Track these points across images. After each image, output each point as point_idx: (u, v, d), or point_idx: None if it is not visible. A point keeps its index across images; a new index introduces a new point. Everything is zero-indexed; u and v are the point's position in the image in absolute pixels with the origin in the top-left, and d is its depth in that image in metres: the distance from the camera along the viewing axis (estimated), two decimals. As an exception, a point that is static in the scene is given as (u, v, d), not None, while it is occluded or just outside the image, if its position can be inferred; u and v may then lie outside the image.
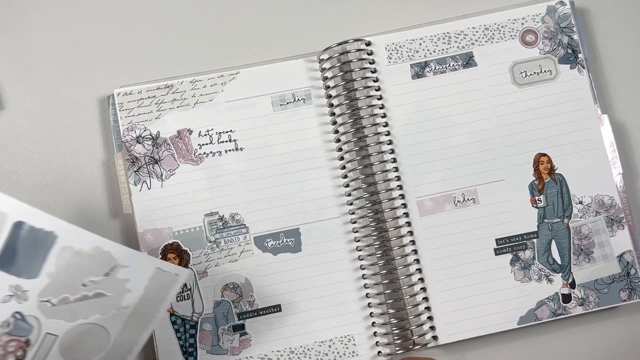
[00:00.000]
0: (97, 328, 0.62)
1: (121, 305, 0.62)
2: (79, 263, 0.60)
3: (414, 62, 0.80)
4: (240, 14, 0.83)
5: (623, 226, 0.78)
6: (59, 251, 0.59)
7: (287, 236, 0.77)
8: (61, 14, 0.83)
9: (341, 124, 0.79)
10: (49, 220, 0.59)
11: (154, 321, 0.64)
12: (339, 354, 0.76)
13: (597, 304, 0.77)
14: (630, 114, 0.82)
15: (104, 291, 0.62)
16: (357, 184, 0.78)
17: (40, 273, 0.59)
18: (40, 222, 0.59)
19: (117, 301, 0.62)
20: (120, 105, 0.78)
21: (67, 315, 0.61)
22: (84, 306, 0.61)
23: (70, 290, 0.60)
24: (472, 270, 0.77)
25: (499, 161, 0.79)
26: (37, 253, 0.59)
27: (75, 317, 0.61)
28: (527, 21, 0.81)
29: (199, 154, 0.78)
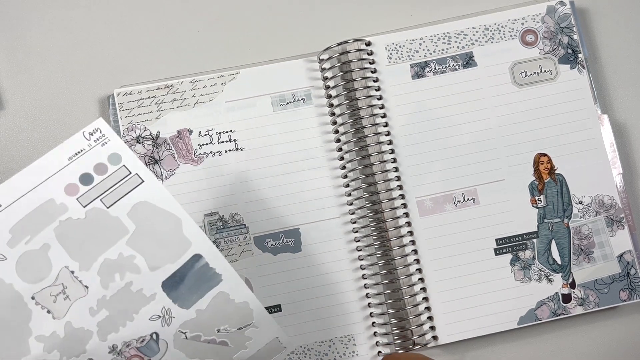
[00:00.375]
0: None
1: (232, 358, 0.64)
2: (225, 310, 0.63)
3: (414, 62, 0.80)
4: (240, 14, 0.83)
5: (623, 226, 0.78)
6: (216, 294, 0.63)
7: (287, 236, 0.77)
8: (61, 14, 0.83)
9: (341, 124, 0.79)
10: (222, 263, 0.63)
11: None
12: (339, 354, 0.76)
13: (597, 304, 0.77)
14: (630, 114, 0.82)
15: (228, 341, 0.64)
16: (357, 184, 0.78)
17: (192, 306, 0.62)
18: (215, 263, 0.63)
19: (233, 354, 0.64)
20: (120, 105, 0.78)
21: (190, 351, 0.63)
22: (207, 348, 0.64)
23: (205, 331, 0.63)
24: (472, 270, 0.77)
25: (499, 161, 0.79)
26: (199, 288, 0.63)
27: (195, 355, 0.63)
28: (527, 21, 0.81)
29: (199, 154, 0.78)
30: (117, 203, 0.62)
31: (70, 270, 0.61)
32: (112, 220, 0.62)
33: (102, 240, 0.62)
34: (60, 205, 0.61)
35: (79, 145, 0.63)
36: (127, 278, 0.62)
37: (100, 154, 0.63)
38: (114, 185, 0.63)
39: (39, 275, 0.60)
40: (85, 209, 0.62)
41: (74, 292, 0.61)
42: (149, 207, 0.63)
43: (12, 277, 0.60)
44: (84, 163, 0.63)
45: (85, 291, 0.61)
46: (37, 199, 0.61)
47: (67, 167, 0.62)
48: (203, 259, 0.63)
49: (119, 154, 0.64)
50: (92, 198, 0.62)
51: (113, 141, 0.64)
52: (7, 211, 0.61)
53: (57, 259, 0.61)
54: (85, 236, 0.61)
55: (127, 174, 0.63)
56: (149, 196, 0.63)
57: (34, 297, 0.60)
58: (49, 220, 0.61)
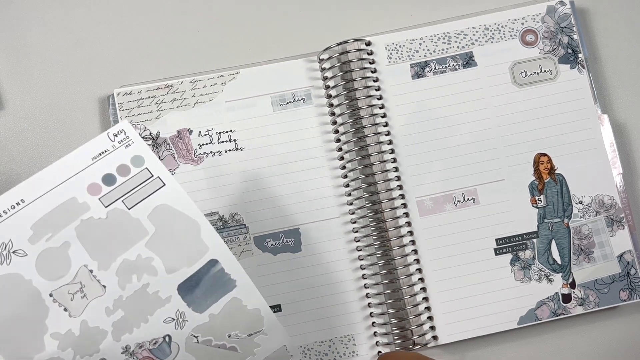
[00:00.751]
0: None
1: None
2: (237, 316, 0.64)
3: (414, 62, 0.80)
4: (240, 14, 0.83)
5: (623, 226, 0.78)
6: (230, 299, 0.64)
7: (287, 236, 0.77)
8: (61, 14, 0.83)
9: (341, 124, 0.79)
10: (237, 269, 0.64)
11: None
12: (339, 354, 0.76)
13: (597, 304, 0.77)
14: (630, 114, 0.82)
15: (238, 347, 0.65)
16: (357, 184, 0.78)
17: (206, 311, 0.63)
18: (231, 268, 0.64)
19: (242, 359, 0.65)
20: (120, 105, 0.78)
21: (201, 355, 0.64)
22: (216, 353, 0.64)
23: (216, 336, 0.64)
24: (472, 270, 0.77)
25: (499, 161, 0.79)
26: (214, 293, 0.64)
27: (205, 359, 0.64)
28: (527, 21, 0.81)
29: (199, 153, 0.78)
30: (138, 205, 0.63)
31: (89, 269, 0.62)
32: (132, 222, 0.63)
33: (121, 241, 0.63)
34: (82, 204, 0.62)
35: (103, 145, 0.64)
36: (144, 280, 0.62)
37: (124, 156, 0.64)
38: (135, 187, 0.64)
39: (58, 272, 0.61)
40: (107, 209, 0.63)
41: (91, 291, 0.61)
42: (169, 210, 0.64)
43: (31, 273, 0.60)
44: (107, 164, 0.64)
45: (102, 290, 0.62)
46: (60, 196, 0.62)
47: (90, 167, 0.64)
48: (219, 264, 0.64)
49: (142, 157, 0.65)
50: (114, 199, 0.63)
51: (137, 143, 0.65)
52: (30, 207, 0.61)
53: (77, 257, 0.61)
54: (106, 236, 0.62)
55: (149, 176, 0.65)
56: (169, 200, 0.64)
57: (51, 294, 0.60)
58: (70, 219, 0.62)
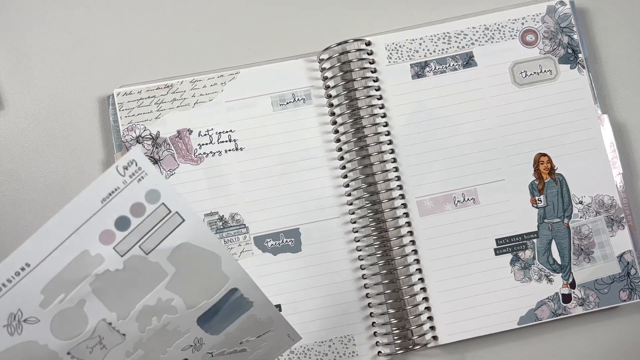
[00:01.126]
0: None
1: (248, 358, 0.63)
2: (251, 327, 0.60)
3: (414, 62, 0.80)
4: (240, 14, 0.83)
5: (623, 226, 0.78)
6: (245, 318, 0.59)
7: (287, 236, 0.77)
8: (61, 14, 0.83)
9: (341, 124, 0.79)
10: (256, 292, 0.58)
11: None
12: (338, 354, 0.76)
13: (597, 304, 0.77)
14: (630, 114, 0.82)
15: (248, 349, 0.62)
16: (357, 184, 0.78)
17: (222, 332, 0.59)
18: (249, 293, 0.58)
19: (249, 356, 0.63)
20: (120, 105, 0.78)
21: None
22: (227, 358, 0.62)
23: (229, 346, 0.61)
24: (472, 270, 0.77)
25: (499, 161, 0.79)
26: (231, 316, 0.59)
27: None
28: (527, 21, 0.81)
29: (199, 153, 0.78)
30: (157, 248, 0.55)
31: (108, 322, 0.55)
32: (151, 266, 0.56)
33: (140, 288, 0.56)
34: (95, 257, 0.54)
35: (113, 183, 0.55)
36: (164, 320, 0.57)
37: (137, 192, 0.55)
38: (153, 228, 0.56)
39: (75, 332, 0.55)
40: (123, 259, 0.55)
41: (110, 342, 0.56)
42: (189, 247, 0.57)
43: (46, 337, 0.54)
44: (120, 204, 0.55)
45: (122, 339, 0.56)
46: (70, 252, 0.54)
47: (100, 211, 0.54)
48: (238, 292, 0.58)
49: (158, 190, 0.55)
50: (131, 245, 0.55)
51: (150, 175, 0.55)
52: (37, 270, 0.53)
53: (94, 313, 0.55)
54: (124, 286, 0.56)
55: (167, 213, 0.56)
56: (189, 236, 0.56)
57: (69, 352, 0.55)
58: (84, 275, 0.54)
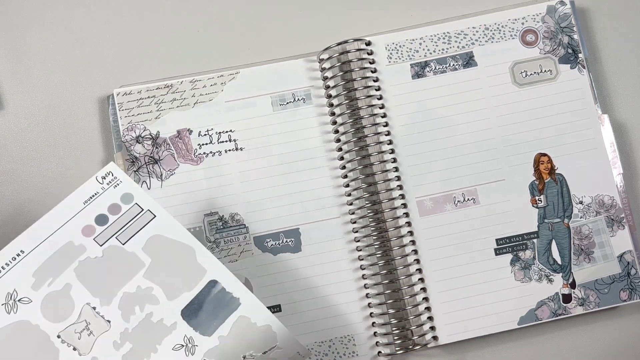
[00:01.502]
0: None
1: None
2: (248, 335, 0.64)
3: (414, 62, 0.80)
4: (240, 14, 0.83)
5: (623, 226, 0.78)
6: (237, 319, 0.64)
7: (287, 236, 0.77)
8: (61, 14, 0.83)
9: (341, 124, 0.79)
10: (238, 287, 0.64)
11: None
12: (338, 354, 0.76)
13: (598, 304, 0.77)
14: (630, 114, 0.82)
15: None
16: (357, 184, 0.78)
17: (214, 333, 0.64)
18: (231, 287, 0.65)
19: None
20: (120, 105, 0.78)
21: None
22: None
23: (230, 358, 0.64)
24: (472, 270, 0.77)
25: (499, 161, 0.79)
26: (219, 314, 0.64)
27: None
28: (527, 21, 0.80)
29: (199, 153, 0.78)
30: (132, 239, 0.66)
31: (92, 306, 0.64)
32: (128, 256, 0.65)
33: (120, 275, 0.65)
34: (78, 247, 0.65)
35: (93, 189, 0.67)
36: (147, 309, 0.64)
37: (113, 195, 0.67)
38: (128, 223, 0.66)
39: (62, 314, 0.63)
40: (102, 248, 0.65)
41: (97, 328, 0.63)
42: (162, 239, 0.66)
43: (37, 318, 0.63)
44: (99, 205, 0.66)
45: (108, 325, 0.63)
46: (57, 243, 0.65)
47: (82, 211, 0.66)
48: (219, 284, 0.65)
49: (131, 193, 0.67)
50: (108, 237, 0.66)
51: (125, 182, 0.67)
52: (30, 257, 0.64)
53: (79, 297, 0.63)
54: (104, 273, 0.64)
55: (140, 211, 0.67)
56: (161, 229, 0.66)
57: (59, 335, 0.62)
58: (69, 262, 0.64)
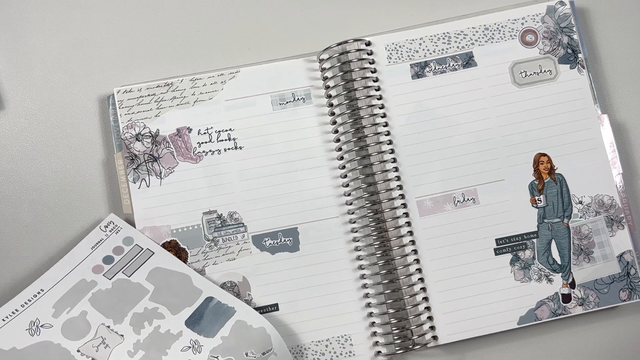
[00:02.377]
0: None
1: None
2: (246, 335, 0.73)
3: (414, 62, 0.80)
4: (240, 14, 0.83)
5: (623, 226, 0.78)
6: (235, 322, 0.73)
7: (285, 235, 0.77)
8: (61, 14, 0.83)
9: (341, 124, 0.79)
10: (232, 299, 0.75)
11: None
12: (335, 354, 0.76)
13: (597, 304, 0.77)
14: (630, 114, 0.82)
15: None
16: (357, 184, 0.78)
17: (216, 335, 0.73)
18: (225, 300, 0.75)
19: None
20: (120, 102, 0.78)
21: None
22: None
23: (235, 354, 0.72)
24: (472, 270, 0.77)
25: (499, 161, 0.79)
26: (218, 320, 0.73)
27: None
28: (527, 21, 0.81)
29: (198, 152, 0.78)
30: (136, 272, 0.75)
31: (107, 325, 0.73)
32: (134, 286, 0.75)
33: (128, 301, 0.74)
34: (90, 282, 0.75)
35: (98, 236, 0.78)
36: (155, 323, 0.73)
37: (116, 240, 0.77)
38: (131, 260, 0.76)
39: (81, 333, 0.72)
40: (111, 281, 0.75)
41: (112, 341, 0.72)
42: (162, 271, 0.76)
43: (59, 338, 0.72)
44: (104, 248, 0.77)
45: (121, 339, 0.72)
46: (71, 281, 0.75)
47: (91, 255, 0.77)
48: (215, 299, 0.74)
49: (131, 237, 0.77)
50: (115, 272, 0.76)
51: (124, 229, 0.78)
52: (49, 294, 0.74)
53: (94, 319, 0.73)
54: (114, 300, 0.74)
55: (140, 250, 0.77)
56: (160, 263, 0.76)
57: (79, 350, 0.72)
58: (83, 294, 0.74)
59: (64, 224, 0.79)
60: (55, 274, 0.75)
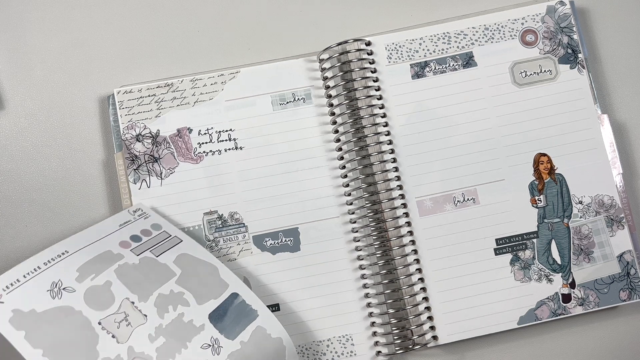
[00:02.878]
0: None
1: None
2: (264, 344, 0.70)
3: (414, 62, 0.80)
4: (240, 14, 0.83)
5: (623, 226, 0.78)
6: (255, 328, 0.70)
7: (285, 235, 0.77)
8: (61, 14, 0.83)
9: (341, 124, 0.79)
10: (257, 302, 0.72)
11: None
12: (336, 354, 0.76)
13: (597, 304, 0.77)
14: (630, 114, 0.82)
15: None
16: (357, 184, 0.78)
17: (236, 338, 0.69)
18: (250, 300, 0.72)
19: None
20: (120, 103, 0.78)
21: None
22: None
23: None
24: (472, 270, 0.77)
25: (499, 161, 0.79)
26: (240, 321, 0.70)
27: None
28: (527, 21, 0.81)
29: (199, 152, 0.78)
30: (164, 254, 0.72)
31: (131, 301, 0.68)
32: (161, 266, 0.71)
33: (155, 280, 0.70)
34: (117, 254, 0.71)
35: (126, 217, 0.75)
36: (179, 310, 0.69)
37: (144, 224, 0.75)
38: (159, 243, 0.73)
39: (104, 304, 0.67)
40: (138, 257, 0.71)
41: (134, 320, 0.67)
42: (189, 258, 0.73)
43: (80, 305, 0.66)
44: (132, 228, 0.74)
45: (144, 319, 0.68)
46: (97, 249, 0.71)
47: (118, 231, 0.73)
48: (240, 297, 0.71)
49: (159, 224, 0.75)
50: (143, 250, 0.72)
51: (153, 216, 0.76)
52: (73, 256, 0.69)
53: (119, 292, 0.68)
54: (141, 276, 0.70)
55: (168, 236, 0.74)
56: (188, 250, 0.73)
57: (100, 322, 0.66)
58: (109, 264, 0.70)
59: (64, 224, 0.79)
60: (79, 240, 0.71)
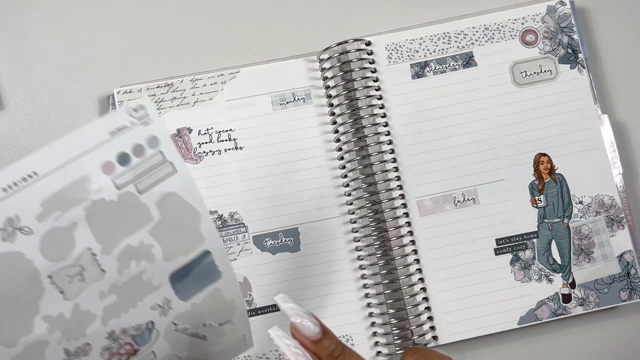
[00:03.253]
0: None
1: (204, 352, 0.64)
2: (216, 306, 0.62)
3: (414, 62, 0.80)
4: (240, 14, 0.83)
5: (623, 226, 0.78)
6: (213, 290, 0.61)
7: (285, 235, 0.77)
8: (61, 14, 0.83)
9: (341, 124, 0.79)
10: (226, 263, 0.61)
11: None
12: (338, 354, 0.76)
13: (597, 304, 0.77)
14: (630, 114, 0.82)
15: (208, 336, 0.63)
16: (357, 184, 0.78)
17: (190, 299, 0.61)
18: (220, 261, 0.61)
19: (207, 348, 0.64)
20: (120, 103, 0.78)
21: (174, 343, 0.62)
22: (188, 341, 0.63)
23: (193, 324, 0.62)
24: (472, 270, 0.77)
25: (499, 161, 0.79)
26: (200, 282, 0.61)
27: (177, 348, 0.62)
28: (527, 21, 0.81)
29: (199, 152, 0.78)
30: (149, 190, 0.60)
31: (92, 252, 0.57)
32: (140, 207, 0.59)
33: (128, 226, 0.59)
34: (94, 184, 0.58)
35: (122, 121, 0.60)
36: (142, 266, 0.59)
37: (141, 135, 0.59)
38: (148, 171, 0.60)
39: (61, 254, 0.57)
40: (118, 192, 0.59)
41: (90, 275, 0.57)
42: (176, 198, 0.61)
43: (34, 253, 0.56)
44: (124, 141, 0.59)
45: (101, 275, 0.58)
46: (74, 172, 0.57)
47: (107, 143, 0.59)
48: (210, 256, 0.61)
49: (158, 138, 0.60)
50: (127, 181, 0.59)
51: (155, 122, 0.60)
52: (42, 182, 0.56)
53: (82, 239, 0.57)
54: (114, 219, 0.59)
55: (162, 161, 0.60)
56: (178, 188, 0.61)
57: (50, 276, 0.56)
58: (81, 198, 0.57)
59: (64, 224, 0.79)
60: (56, 154, 0.58)
